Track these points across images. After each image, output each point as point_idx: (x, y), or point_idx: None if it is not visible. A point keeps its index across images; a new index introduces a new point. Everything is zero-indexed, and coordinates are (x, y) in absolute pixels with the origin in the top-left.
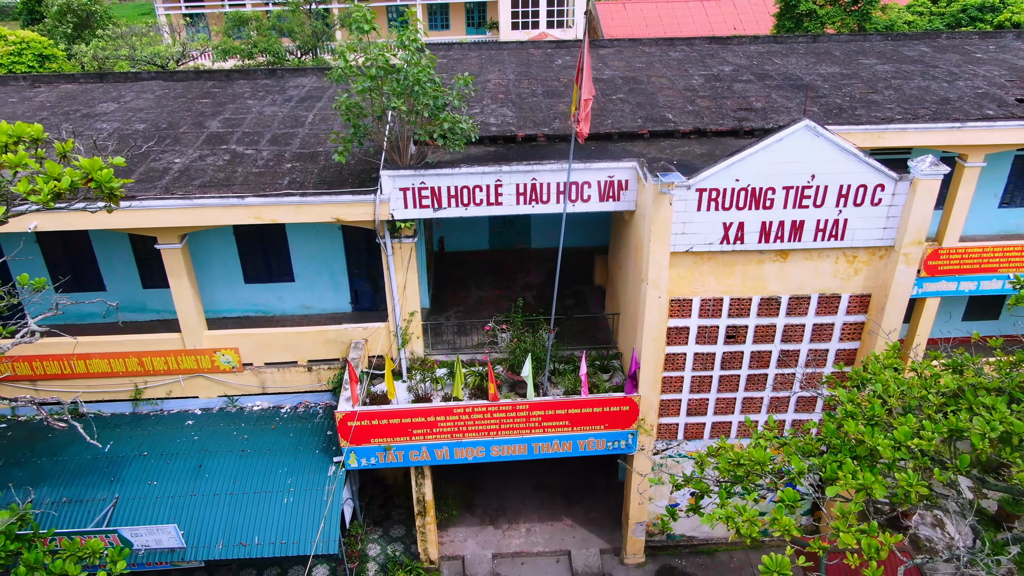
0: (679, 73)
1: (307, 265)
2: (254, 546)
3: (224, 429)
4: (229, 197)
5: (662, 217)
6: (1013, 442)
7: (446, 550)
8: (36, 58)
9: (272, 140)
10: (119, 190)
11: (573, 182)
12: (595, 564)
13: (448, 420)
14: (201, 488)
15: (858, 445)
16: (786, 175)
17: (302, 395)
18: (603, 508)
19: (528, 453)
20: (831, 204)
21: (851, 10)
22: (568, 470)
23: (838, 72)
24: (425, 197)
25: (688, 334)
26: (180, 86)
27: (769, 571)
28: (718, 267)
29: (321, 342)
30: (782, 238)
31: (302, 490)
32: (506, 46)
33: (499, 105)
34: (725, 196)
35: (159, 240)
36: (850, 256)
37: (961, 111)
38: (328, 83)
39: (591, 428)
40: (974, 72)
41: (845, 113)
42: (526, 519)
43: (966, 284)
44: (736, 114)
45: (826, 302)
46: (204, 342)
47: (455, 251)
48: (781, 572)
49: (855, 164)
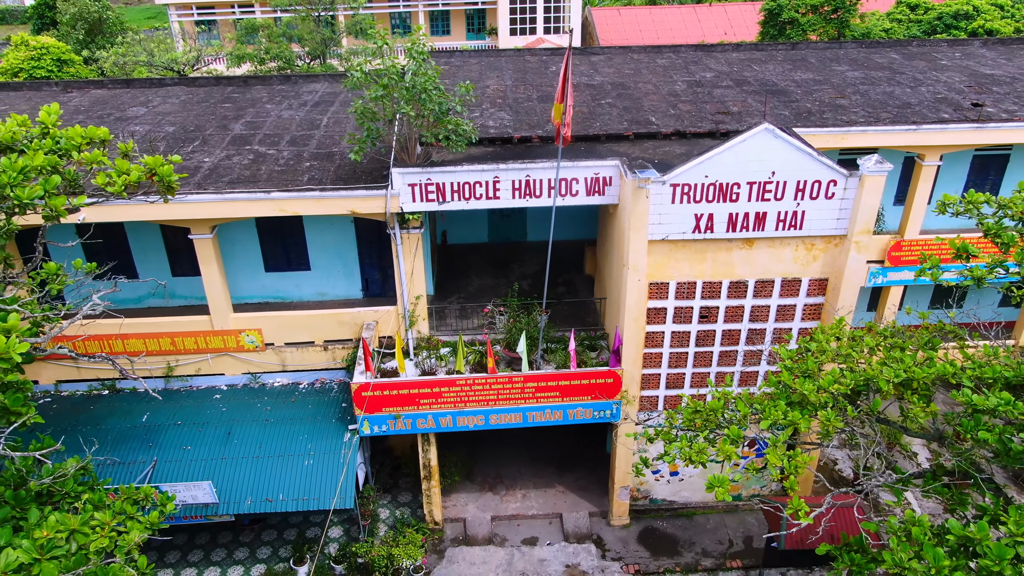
0: (664, 79)
1: (322, 255)
2: (279, 502)
3: (249, 402)
4: (256, 192)
5: (640, 209)
6: (913, 386)
7: (449, 513)
8: (55, 63)
9: (291, 141)
10: (176, 183)
11: (563, 179)
12: (584, 525)
13: (451, 391)
14: (230, 452)
15: (792, 392)
16: (749, 172)
17: (318, 372)
18: (592, 477)
19: (523, 421)
20: (790, 197)
21: (831, 18)
22: (560, 443)
23: (811, 78)
24: (431, 192)
25: (666, 314)
26: (202, 91)
27: (712, 486)
28: (691, 254)
29: (336, 324)
30: (747, 228)
31: (320, 454)
32: (504, 53)
33: (497, 109)
34: (696, 190)
35: (192, 231)
36: (808, 244)
37: (919, 115)
38: (340, 89)
39: (579, 399)
40: (937, 78)
41: (813, 117)
42: (522, 486)
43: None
44: (714, 117)
45: (788, 285)
46: (230, 324)
47: (457, 244)
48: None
49: (810, 162)
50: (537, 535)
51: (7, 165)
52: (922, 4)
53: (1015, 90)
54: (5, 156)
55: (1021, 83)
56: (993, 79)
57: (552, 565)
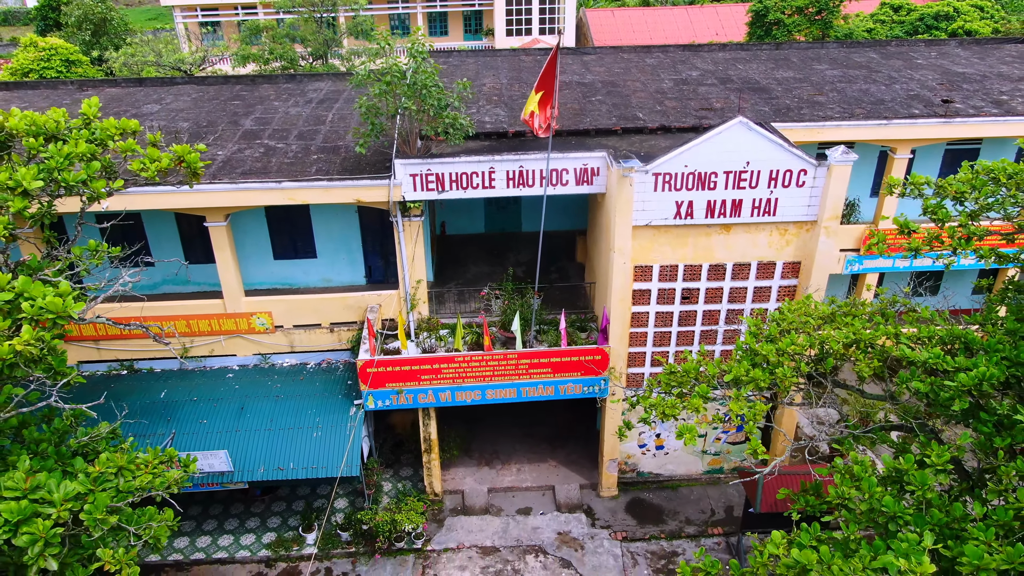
0: (652, 78)
1: (328, 243)
2: (289, 470)
3: (260, 380)
4: (268, 182)
5: (625, 196)
6: (860, 346)
7: (448, 485)
8: (63, 63)
9: (299, 136)
10: (201, 169)
11: (554, 169)
12: (575, 496)
13: (450, 368)
14: (244, 425)
15: (756, 355)
16: (726, 162)
17: (325, 353)
18: (583, 452)
19: (517, 397)
20: (764, 186)
21: (815, 19)
22: (552, 421)
23: (792, 76)
24: (431, 182)
25: (650, 295)
26: (212, 89)
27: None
28: (673, 238)
29: (341, 307)
30: (725, 214)
31: (328, 427)
32: (500, 53)
33: (493, 106)
34: (676, 179)
35: (208, 219)
36: (782, 229)
37: (891, 110)
38: (343, 87)
39: (570, 375)
40: (911, 76)
41: (792, 112)
42: (516, 461)
43: (900, 262)
44: (698, 113)
45: (764, 268)
46: (242, 307)
47: (455, 234)
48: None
49: (782, 153)
50: (531, 506)
51: (54, 152)
52: (905, 5)
53: (984, 87)
54: (52, 144)
55: (990, 81)
56: (964, 77)
57: (544, 532)
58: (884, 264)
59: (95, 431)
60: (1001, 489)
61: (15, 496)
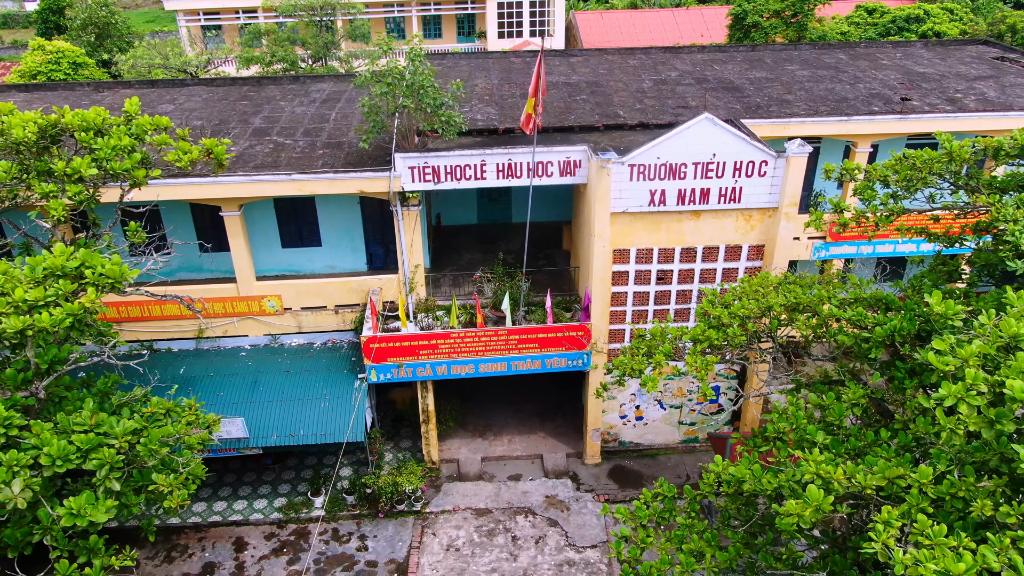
0: (634, 78)
1: (332, 233)
2: (300, 436)
3: (270, 358)
4: (279, 174)
5: (604, 185)
6: (800, 308)
7: (444, 455)
8: (71, 66)
9: (305, 133)
10: (226, 160)
11: (539, 162)
12: (562, 464)
13: (446, 343)
14: (257, 396)
15: (712, 319)
16: (694, 154)
17: (330, 333)
18: (569, 425)
19: (508, 370)
20: (729, 175)
21: (791, 22)
22: (541, 397)
23: (764, 76)
24: (428, 174)
25: (628, 277)
26: (221, 90)
27: (645, 383)
28: (648, 224)
29: (346, 290)
30: (694, 202)
31: (335, 398)
32: (492, 55)
33: (485, 104)
34: (650, 170)
35: (223, 209)
36: (746, 215)
37: (853, 107)
38: (344, 88)
39: (555, 349)
40: (875, 76)
41: (762, 110)
42: (508, 433)
43: (865, 248)
44: (675, 111)
45: (731, 251)
46: (254, 290)
47: (450, 225)
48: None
49: (745, 146)
50: (521, 472)
51: (103, 144)
52: (879, 8)
53: (941, 86)
54: (100, 138)
55: (948, 80)
56: (924, 76)
57: (533, 496)
58: (849, 251)
59: (131, 394)
60: (905, 419)
61: (83, 430)
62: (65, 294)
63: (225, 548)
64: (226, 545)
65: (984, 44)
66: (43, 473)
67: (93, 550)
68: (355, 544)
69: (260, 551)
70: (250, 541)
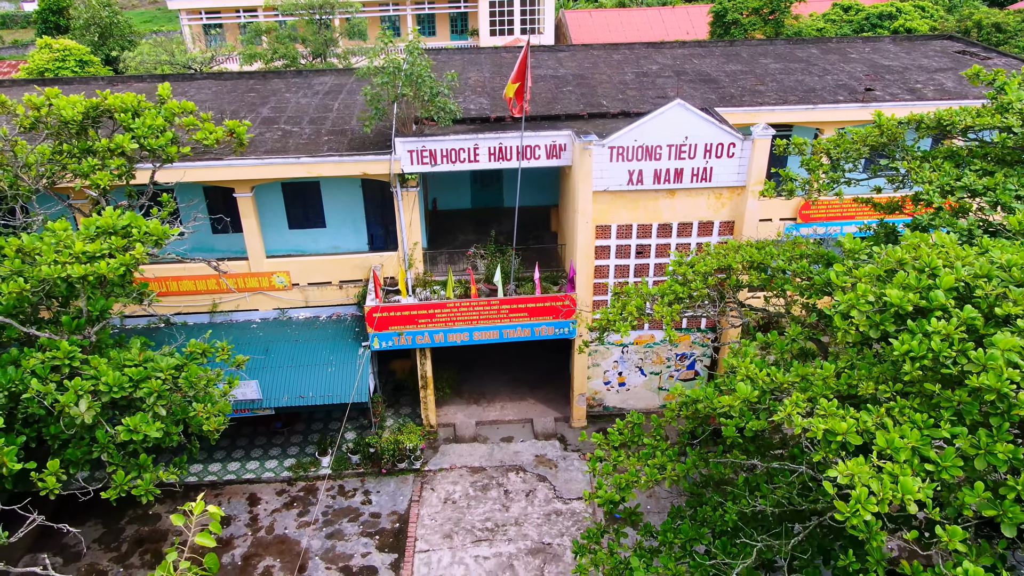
0: (617, 71)
1: (335, 215)
2: (309, 397)
3: (280, 329)
4: (289, 157)
5: (586, 166)
6: (754, 265)
7: (441, 420)
8: (77, 63)
9: (311, 121)
10: (246, 140)
11: (528, 145)
12: (550, 427)
13: (443, 312)
14: (269, 363)
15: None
16: (668, 137)
17: (335, 307)
18: (557, 392)
19: (499, 337)
20: (700, 156)
21: (768, 19)
22: (531, 367)
23: (739, 69)
24: (425, 157)
25: (610, 251)
26: (229, 84)
27: (618, 330)
28: (627, 202)
29: (349, 267)
30: (669, 181)
31: (340, 363)
32: (483, 51)
33: (477, 95)
34: (628, 151)
35: (236, 190)
36: (717, 193)
37: (820, 97)
38: (345, 81)
39: (543, 318)
40: (843, 69)
41: (735, 99)
42: (500, 400)
43: (833, 229)
44: (654, 101)
45: (704, 227)
46: (264, 267)
47: (445, 209)
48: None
49: (714, 129)
50: (513, 435)
51: (140, 123)
52: (854, 6)
53: (903, 78)
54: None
55: (911, 72)
56: (889, 69)
57: (524, 455)
58: (819, 231)
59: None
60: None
61: (134, 364)
62: (117, 248)
63: (240, 503)
64: (241, 500)
65: (949, 39)
66: (101, 399)
67: (143, 466)
68: (360, 499)
69: (272, 505)
70: (263, 497)
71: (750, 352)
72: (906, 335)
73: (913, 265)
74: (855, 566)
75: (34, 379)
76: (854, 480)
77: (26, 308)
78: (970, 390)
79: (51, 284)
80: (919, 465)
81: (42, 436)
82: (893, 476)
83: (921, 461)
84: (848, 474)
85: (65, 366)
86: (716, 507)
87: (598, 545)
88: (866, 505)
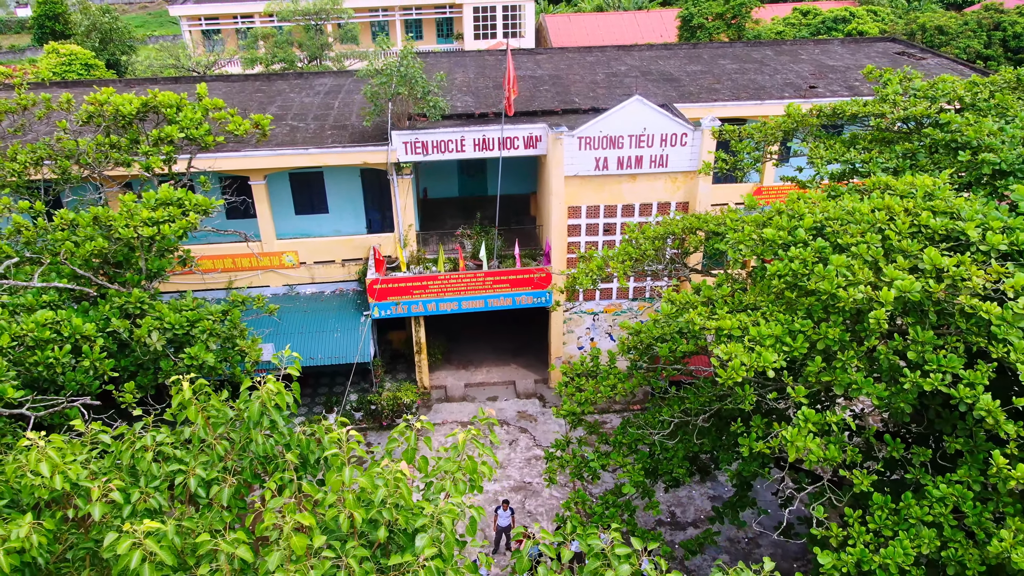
0: (589, 72)
1: (337, 201)
2: (318, 359)
3: (290, 302)
4: (298, 149)
5: (558, 154)
6: (693, 229)
7: (434, 382)
8: (83, 67)
9: (315, 118)
10: (268, 132)
11: (507, 137)
12: (531, 388)
13: (435, 284)
14: (281, 330)
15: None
16: (629, 128)
17: (338, 284)
18: (537, 359)
19: (484, 306)
20: (658, 145)
21: (731, 23)
22: (514, 337)
23: (699, 70)
24: (418, 147)
25: (580, 229)
26: (236, 85)
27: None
28: (595, 186)
29: (351, 247)
30: (631, 167)
31: (345, 330)
32: (468, 54)
33: (463, 94)
34: (594, 141)
35: (251, 178)
36: (673, 178)
37: (768, 93)
38: (343, 82)
39: (522, 289)
40: (792, 68)
41: (693, 96)
42: (486, 366)
43: None
44: (621, 98)
45: (662, 207)
46: (275, 247)
47: (435, 197)
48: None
49: (669, 121)
50: (497, 395)
51: (183, 116)
52: (812, 10)
53: (845, 76)
54: (181, 112)
55: (852, 71)
56: (833, 68)
57: (508, 412)
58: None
59: None
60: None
61: (189, 308)
62: (175, 215)
63: None
64: None
65: (892, 41)
66: (165, 335)
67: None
68: None
69: None
70: None
71: (682, 290)
72: (776, 261)
73: (787, 213)
74: (741, 428)
75: (114, 318)
76: (731, 354)
77: (96, 265)
78: (811, 293)
79: (116, 248)
80: (779, 347)
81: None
82: (758, 353)
83: (780, 345)
84: (728, 352)
85: (136, 309)
86: (655, 414)
87: (563, 451)
88: (739, 371)
